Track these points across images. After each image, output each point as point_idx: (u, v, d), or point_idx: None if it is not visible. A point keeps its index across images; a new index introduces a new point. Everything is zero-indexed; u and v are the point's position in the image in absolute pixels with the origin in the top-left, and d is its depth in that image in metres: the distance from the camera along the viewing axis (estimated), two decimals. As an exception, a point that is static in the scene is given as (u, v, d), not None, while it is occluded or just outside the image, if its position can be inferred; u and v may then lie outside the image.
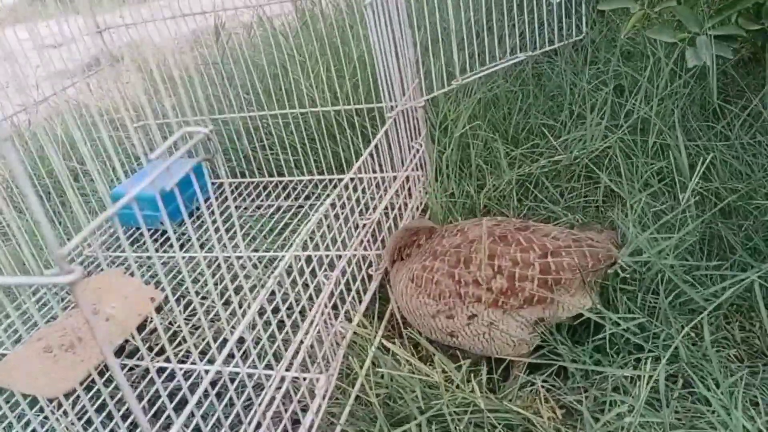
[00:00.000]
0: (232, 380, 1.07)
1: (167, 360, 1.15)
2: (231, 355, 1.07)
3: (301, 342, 0.97)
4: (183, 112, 1.69)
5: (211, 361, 1.13)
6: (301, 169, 1.73)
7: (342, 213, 1.21)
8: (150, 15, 1.76)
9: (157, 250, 1.51)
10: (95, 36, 1.69)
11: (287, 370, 0.91)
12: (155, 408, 1.09)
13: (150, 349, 1.21)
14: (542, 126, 1.60)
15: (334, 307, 1.10)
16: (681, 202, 1.16)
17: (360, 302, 1.17)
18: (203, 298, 1.31)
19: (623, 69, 1.54)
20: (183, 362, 1.16)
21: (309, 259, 1.19)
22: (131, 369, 1.16)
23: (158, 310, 1.34)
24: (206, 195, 1.76)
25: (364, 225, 1.19)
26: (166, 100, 1.78)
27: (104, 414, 1.10)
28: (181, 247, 1.51)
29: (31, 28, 1.11)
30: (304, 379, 0.95)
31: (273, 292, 1.18)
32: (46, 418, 1.10)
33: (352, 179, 1.29)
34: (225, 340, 1.15)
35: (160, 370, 1.15)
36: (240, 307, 1.23)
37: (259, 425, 0.84)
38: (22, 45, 1.41)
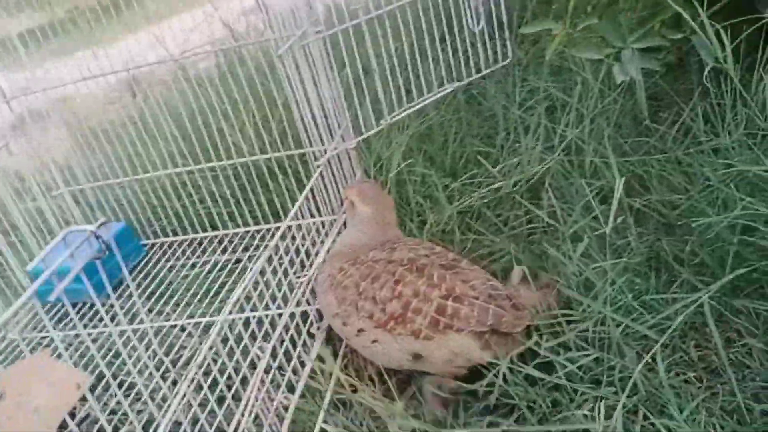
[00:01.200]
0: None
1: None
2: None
3: (238, 422, 0.89)
4: (96, 176, 1.61)
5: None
6: (236, 221, 1.65)
7: (280, 266, 1.14)
8: (66, 73, 1.68)
9: (85, 326, 1.41)
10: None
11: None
12: None
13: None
14: (479, 154, 1.57)
15: (278, 371, 1.03)
16: (615, 221, 1.13)
17: (302, 367, 1.10)
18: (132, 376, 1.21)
19: (552, 90, 1.53)
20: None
21: (247, 321, 1.12)
22: None
23: (92, 389, 1.23)
24: (136, 259, 1.67)
25: (301, 283, 1.13)
26: (77, 164, 1.69)
27: None
28: (112, 319, 1.42)
29: None
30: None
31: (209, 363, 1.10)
32: None
33: (289, 227, 1.23)
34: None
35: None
36: (174, 384, 1.14)
37: None
38: None
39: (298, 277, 1.14)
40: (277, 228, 1.61)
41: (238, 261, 1.56)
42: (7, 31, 1.73)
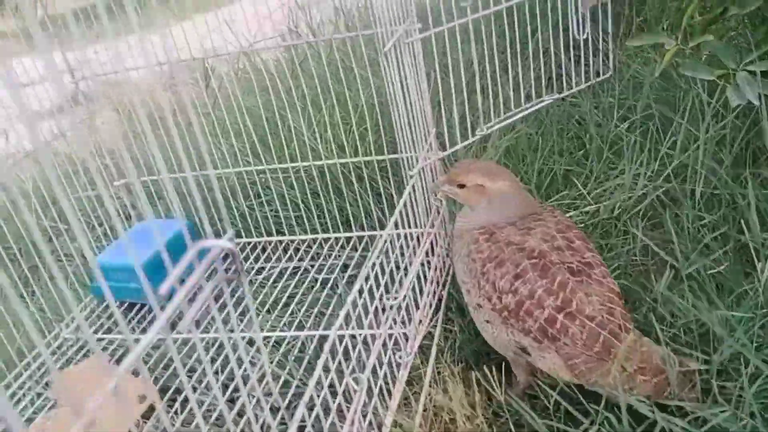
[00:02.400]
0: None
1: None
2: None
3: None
4: (171, 167, 1.52)
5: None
6: (303, 227, 1.56)
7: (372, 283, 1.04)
8: (129, 55, 1.60)
9: (145, 330, 1.32)
10: (64, 79, 1.51)
11: None
12: None
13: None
14: (569, 173, 1.46)
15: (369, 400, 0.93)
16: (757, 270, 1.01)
17: (390, 398, 1.00)
18: (203, 394, 1.12)
19: (656, 109, 1.41)
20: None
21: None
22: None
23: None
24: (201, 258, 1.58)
25: (392, 306, 1.03)
26: (155, 150, 1.61)
27: None
28: (173, 326, 1.33)
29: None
30: None
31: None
32: None
33: (371, 237, 1.13)
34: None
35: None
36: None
37: None
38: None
39: (389, 299, 1.04)
40: (348, 238, 1.52)
41: (306, 270, 1.47)
42: (61, 7, 1.63)
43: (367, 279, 0.96)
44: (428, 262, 1.27)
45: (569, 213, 1.39)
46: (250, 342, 1.22)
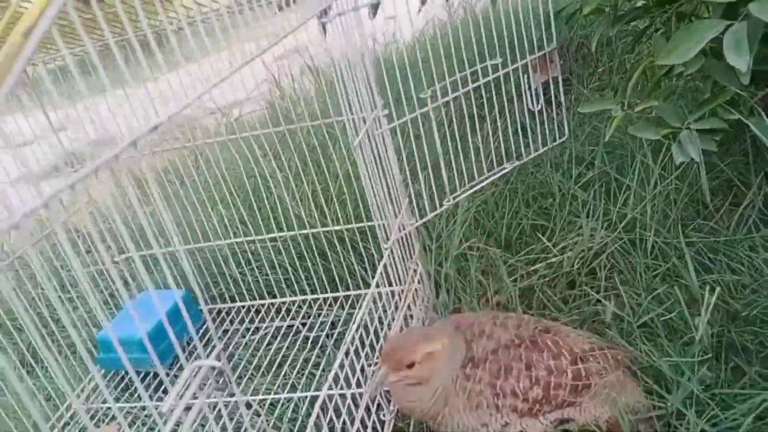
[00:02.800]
0: None
1: None
2: None
3: None
4: (147, 241, 1.64)
5: None
6: (292, 288, 1.67)
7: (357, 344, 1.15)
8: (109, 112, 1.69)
9: (151, 397, 1.43)
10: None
11: None
12: None
13: None
14: (534, 228, 1.59)
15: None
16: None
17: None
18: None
19: (609, 171, 1.55)
20: None
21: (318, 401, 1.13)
22: None
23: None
24: (196, 325, 1.69)
25: (374, 371, 1.14)
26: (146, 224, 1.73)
27: None
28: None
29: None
30: None
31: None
32: None
33: (356, 296, 1.24)
34: None
35: None
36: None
37: None
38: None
39: (369, 365, 1.15)
40: (335, 298, 1.64)
41: (296, 329, 1.58)
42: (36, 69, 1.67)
43: (352, 342, 1.08)
44: (411, 316, 1.39)
45: (537, 265, 1.51)
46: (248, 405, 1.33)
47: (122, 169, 0.68)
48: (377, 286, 1.27)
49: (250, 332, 1.62)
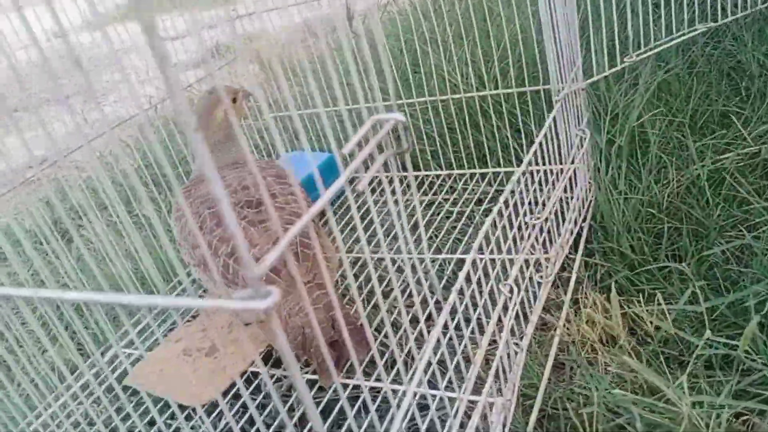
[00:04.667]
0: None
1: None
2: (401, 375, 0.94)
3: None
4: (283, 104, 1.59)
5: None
6: (437, 161, 1.58)
7: (510, 211, 1.04)
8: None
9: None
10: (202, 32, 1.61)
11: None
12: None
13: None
14: (727, 112, 1.37)
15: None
16: None
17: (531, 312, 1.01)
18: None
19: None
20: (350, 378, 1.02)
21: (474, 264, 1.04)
22: (278, 380, 1.05)
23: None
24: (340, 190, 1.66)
25: (534, 225, 1.02)
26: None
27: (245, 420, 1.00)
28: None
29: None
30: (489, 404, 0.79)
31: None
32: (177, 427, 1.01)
33: (523, 173, 1.13)
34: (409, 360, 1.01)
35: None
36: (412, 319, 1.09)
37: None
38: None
39: (530, 219, 1.03)
40: (483, 174, 1.53)
41: (439, 204, 1.49)
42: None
43: (506, 203, 0.96)
44: (568, 198, 1.25)
45: (726, 155, 1.30)
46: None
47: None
48: (534, 162, 1.14)
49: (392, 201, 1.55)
